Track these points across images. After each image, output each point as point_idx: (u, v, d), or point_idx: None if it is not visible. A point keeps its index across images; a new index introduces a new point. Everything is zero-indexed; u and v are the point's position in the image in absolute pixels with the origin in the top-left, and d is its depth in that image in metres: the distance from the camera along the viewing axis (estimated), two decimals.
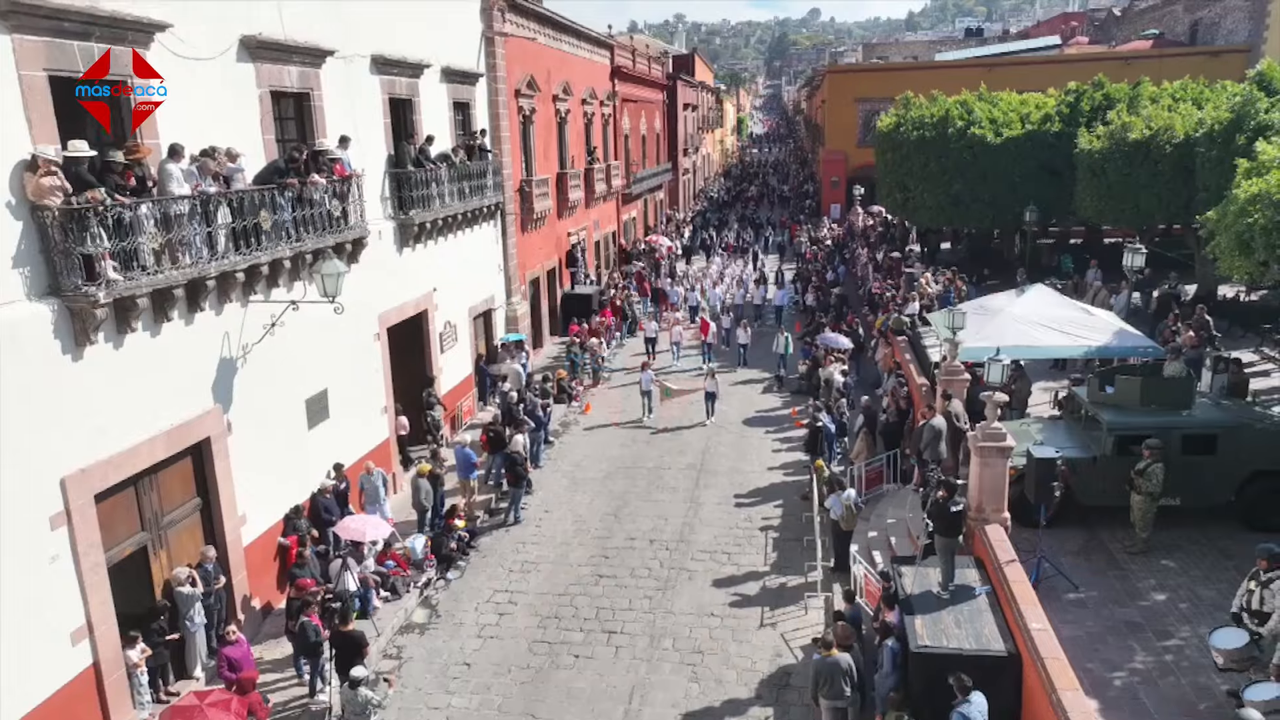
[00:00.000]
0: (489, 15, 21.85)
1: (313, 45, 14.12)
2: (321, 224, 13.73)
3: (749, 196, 60.77)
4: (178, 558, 11.37)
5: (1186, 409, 12.66)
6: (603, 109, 34.14)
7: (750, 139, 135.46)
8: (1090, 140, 23.86)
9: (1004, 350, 15.30)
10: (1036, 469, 11.16)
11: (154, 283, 10.23)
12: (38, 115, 9.22)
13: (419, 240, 17.85)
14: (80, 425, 9.62)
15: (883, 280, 26.83)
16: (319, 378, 14.40)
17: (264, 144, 13.13)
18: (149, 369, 10.60)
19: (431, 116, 18.96)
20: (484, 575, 14.73)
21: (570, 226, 29.94)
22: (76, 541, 9.51)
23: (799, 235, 43.04)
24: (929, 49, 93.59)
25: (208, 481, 11.85)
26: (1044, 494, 11.17)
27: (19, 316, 8.93)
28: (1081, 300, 22.57)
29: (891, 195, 30.40)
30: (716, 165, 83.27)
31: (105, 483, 9.94)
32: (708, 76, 74.25)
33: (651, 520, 16.41)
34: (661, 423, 20.60)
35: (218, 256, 11.33)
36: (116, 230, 9.66)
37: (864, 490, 16.15)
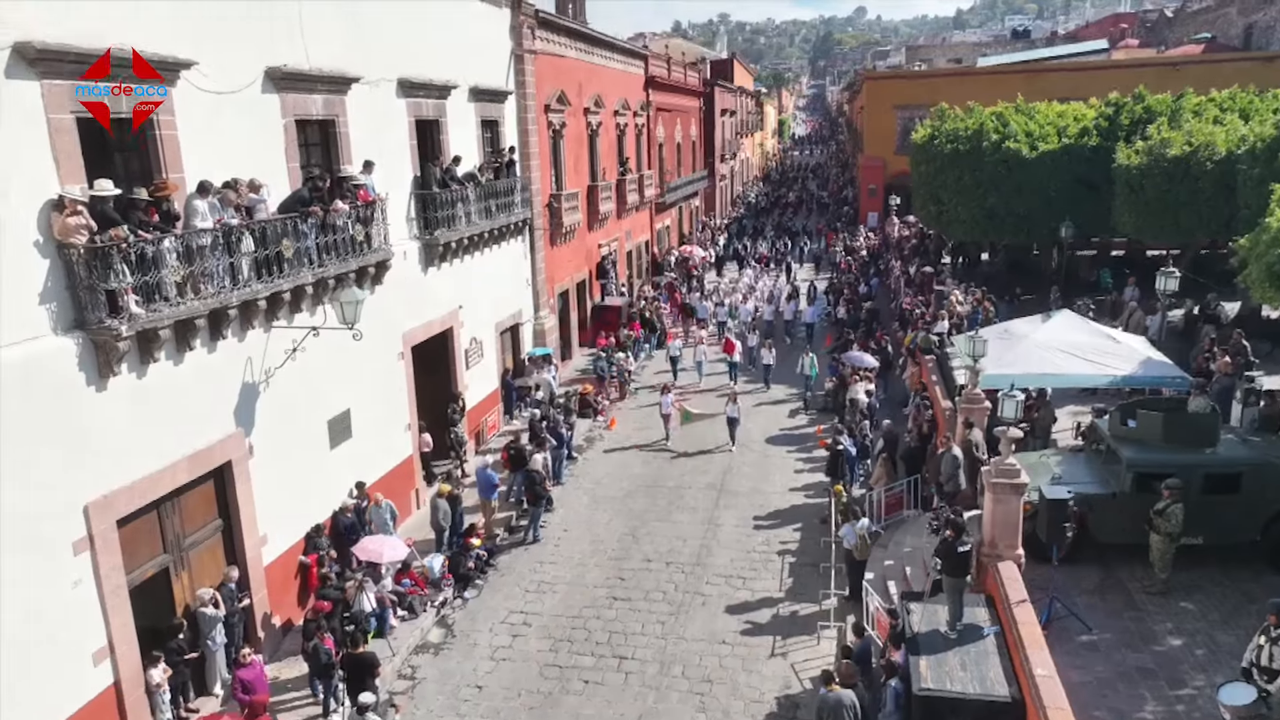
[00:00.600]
0: (518, 33, 22.05)
1: (338, 74, 14.41)
2: (345, 249, 14.01)
3: (786, 203, 60.31)
4: (199, 578, 11.72)
5: (1210, 446, 12.36)
6: (636, 119, 34.24)
7: (792, 140, 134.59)
8: (1128, 155, 23.36)
9: (1026, 378, 15.11)
10: (1049, 509, 11.01)
11: (176, 314, 10.55)
12: (65, 155, 9.56)
13: (444, 259, 18.10)
14: (103, 453, 9.96)
15: (913, 295, 26.54)
16: (342, 398, 14.70)
17: (288, 172, 13.44)
18: (171, 396, 10.93)
19: (459, 135, 19.19)
20: (501, 595, 14.92)
21: (601, 238, 30.09)
22: (99, 566, 9.86)
23: (835, 244, 42.71)
24: (973, 51, 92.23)
25: (229, 503, 12.18)
26: (1056, 535, 11.02)
27: (44, 350, 9.29)
28: (1117, 319, 22.25)
29: (926, 207, 30.03)
30: (756, 169, 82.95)
31: (128, 508, 10.29)
32: (747, 80, 74.00)
33: (669, 541, 16.47)
34: (681, 446, 20.51)
35: (240, 286, 11.65)
36: (139, 265, 9.98)
37: (883, 516, 16.03)
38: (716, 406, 20.76)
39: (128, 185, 10.63)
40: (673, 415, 20.20)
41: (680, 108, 42.63)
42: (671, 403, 20.24)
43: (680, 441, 20.56)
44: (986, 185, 26.24)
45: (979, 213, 26.79)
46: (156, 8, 10.68)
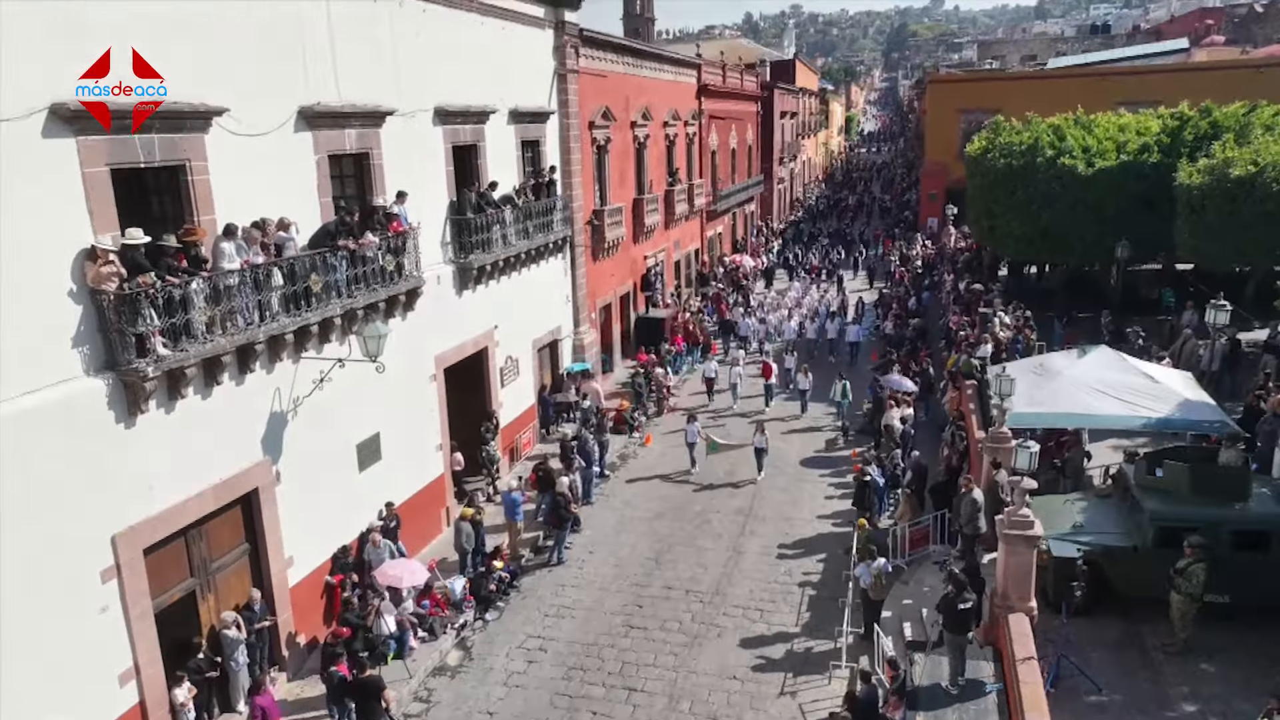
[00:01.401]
0: (561, 53, 22.27)
1: (371, 108, 14.82)
2: (375, 279, 14.44)
3: (845, 207, 59.29)
4: (225, 600, 12.28)
5: (1241, 500, 11.90)
6: (687, 129, 34.21)
7: (860, 137, 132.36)
8: (1190, 174, 22.46)
9: (1057, 418, 14.77)
10: (1056, 567, 10.77)
11: (203, 352, 11.06)
12: (99, 206, 10.10)
13: (479, 281, 18.45)
14: (131, 485, 10.52)
15: (960, 314, 25.99)
16: (371, 422, 15.16)
17: (320, 206, 13.90)
18: (199, 428, 11.46)
19: (498, 158, 19.53)
20: (521, 617, 15.23)
21: (647, 250, 30.20)
22: (125, 592, 10.44)
23: (891, 252, 41.97)
24: (1049, 47, 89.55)
25: (256, 528, 12.72)
26: (1064, 593, 10.77)
27: (76, 391, 9.85)
28: (1171, 345, 21.46)
29: (979, 222, 29.36)
30: (819, 169, 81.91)
31: (154, 537, 10.85)
32: (811, 80, 73.06)
33: (691, 569, 16.56)
34: (707, 478, 20.19)
35: (267, 321, 12.14)
36: (167, 309, 10.51)
37: (907, 552, 15.84)
38: (745, 435, 20.46)
39: (164, 225, 11.26)
40: (698, 444, 19.97)
41: (735, 113, 42.40)
42: (698, 432, 20.01)
43: (706, 472, 20.30)
44: (1040, 202, 25.53)
45: (1032, 230, 26.09)
46: (189, 58, 11.14)
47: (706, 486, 19.92)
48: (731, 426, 22.70)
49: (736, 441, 20.17)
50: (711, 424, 22.77)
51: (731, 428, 22.57)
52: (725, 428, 22.60)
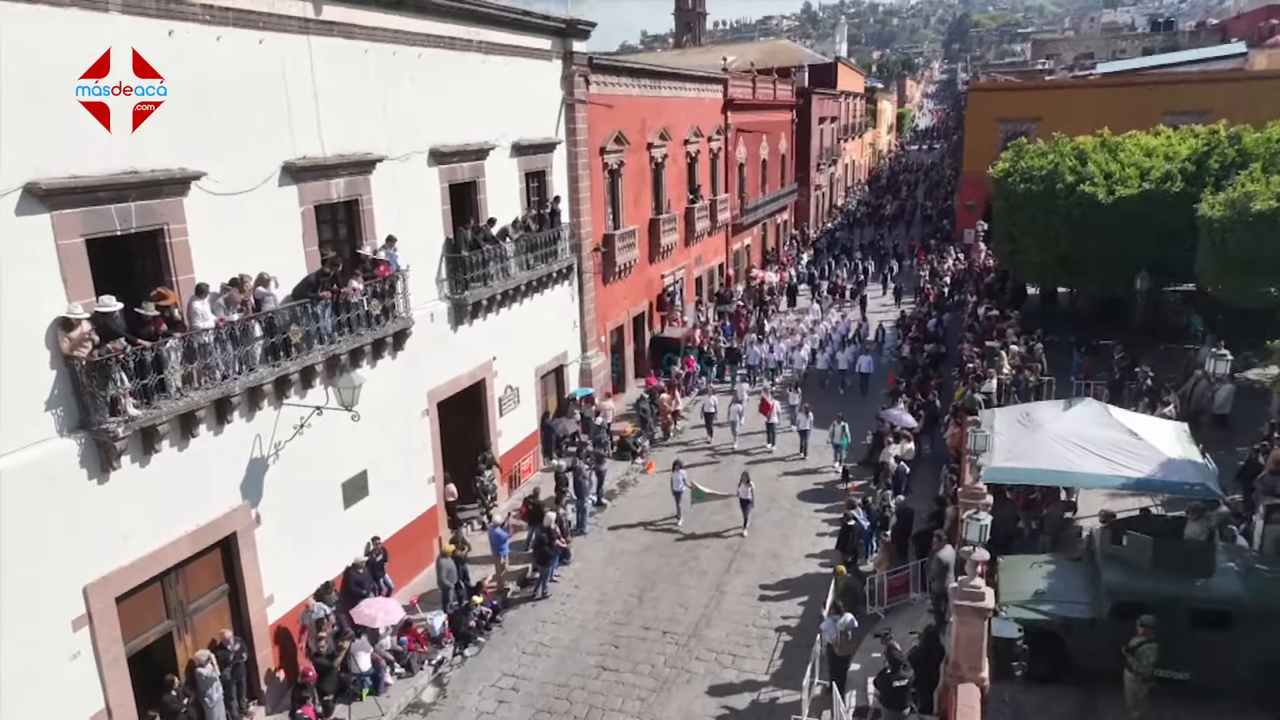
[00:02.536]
0: (569, 83, 22.45)
1: (360, 157, 15.23)
2: (360, 324, 14.89)
3: (883, 215, 58.28)
4: (203, 639, 12.84)
5: (1203, 576, 11.63)
6: (711, 145, 34.15)
7: (913, 133, 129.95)
8: (1211, 206, 21.77)
9: (1034, 473, 14.59)
10: (996, 646, 10.69)
11: (176, 409, 11.59)
12: (74, 276, 10.65)
13: (476, 316, 18.79)
14: (104, 537, 11.08)
15: (973, 343, 25.58)
16: (358, 460, 15.62)
17: (305, 255, 14.35)
18: (175, 478, 11.99)
19: (499, 191, 19.80)
20: (498, 654, 15.59)
21: (665, 268, 30.31)
22: (97, 639, 11.03)
23: (922, 266, 41.25)
24: (1107, 44, 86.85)
25: (234, 569, 13.26)
26: (1003, 671, 10.69)
27: (50, 452, 10.42)
28: (1184, 384, 20.89)
29: (1001, 245, 28.83)
30: (864, 170, 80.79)
31: (127, 585, 11.43)
32: (856, 81, 71.99)
33: (671, 608, 16.73)
34: (690, 527, 19.54)
35: (245, 373, 12.64)
36: (138, 371, 11.03)
37: (886, 599, 15.82)
38: (739, 477, 19.76)
39: (147, 284, 11.82)
40: (684, 493, 19.46)
41: (767, 124, 42.11)
42: (684, 480, 19.48)
43: (691, 522, 19.78)
44: (1060, 229, 24.97)
45: (1051, 257, 25.56)
46: (167, 125, 11.59)
47: (689, 537, 19.28)
48: (727, 467, 22.30)
49: (724, 491, 19.54)
50: (708, 463, 22.69)
51: (727, 468, 22.15)
52: (720, 467, 22.32)
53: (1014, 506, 16.07)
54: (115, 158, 11.00)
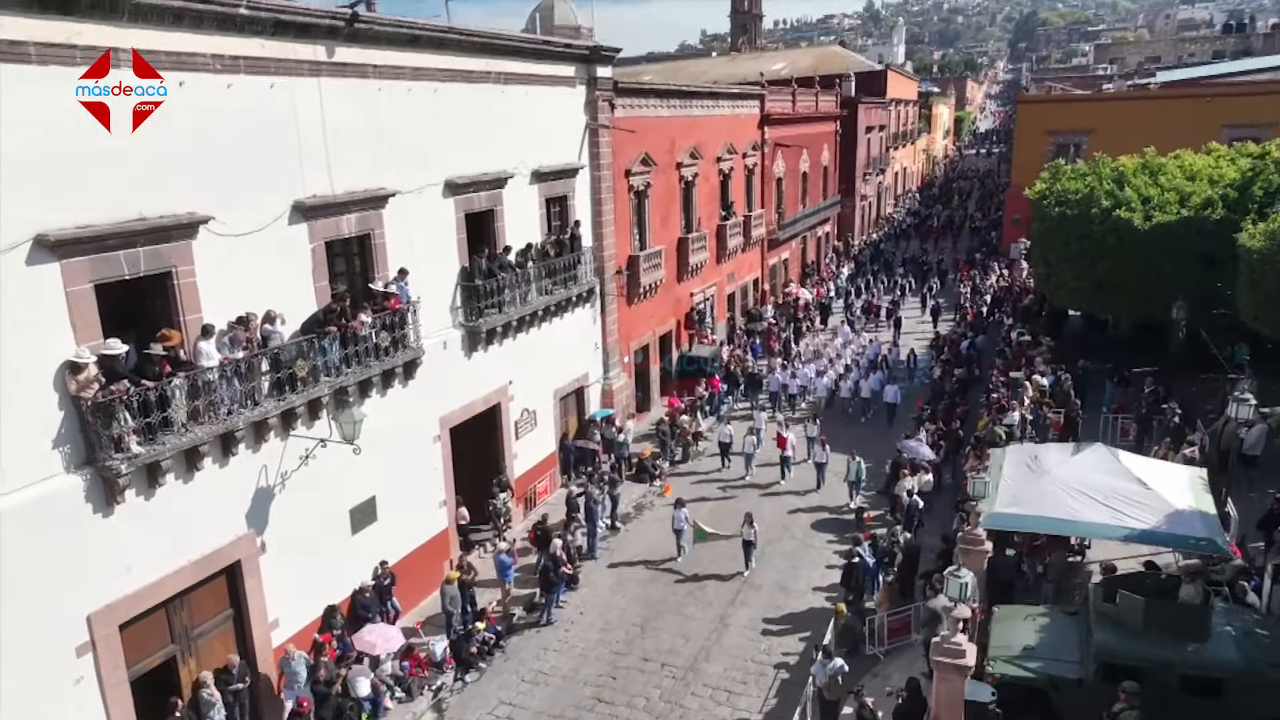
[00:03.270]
0: (593, 108, 22.65)
1: (372, 193, 15.62)
2: (368, 356, 15.30)
3: (930, 227, 57.16)
4: (207, 662, 13.35)
5: (1197, 641, 11.30)
6: (746, 160, 34.05)
7: (972, 136, 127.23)
8: (1251, 236, 21.01)
9: (1036, 521, 14.32)
10: (970, 712, 10.56)
11: (180, 444, 12.08)
12: (82, 321, 11.18)
13: (490, 342, 19.09)
14: (108, 567, 11.62)
15: (1001, 369, 25.07)
16: (367, 487, 16.03)
17: (315, 291, 14.77)
18: (180, 510, 12.49)
19: (519, 217, 20.06)
20: (498, 681, 15.86)
21: (695, 286, 30.33)
22: (100, 665, 11.57)
23: (964, 281, 40.44)
24: (1174, 47, 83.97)
25: (239, 595, 13.76)
26: None
27: (56, 488, 10.97)
28: (1215, 421, 20.21)
29: (1037, 267, 28.21)
30: (918, 177, 79.47)
31: (131, 613, 11.96)
32: (908, 88, 70.82)
33: (672, 639, 16.81)
34: (690, 568, 19.06)
35: (250, 408, 13.11)
36: (142, 409, 11.54)
37: (886, 640, 15.68)
38: (751, 511, 19.31)
39: (156, 323, 12.37)
40: (685, 531, 19.13)
41: (807, 137, 41.76)
42: (685, 518, 19.13)
43: (690, 562, 19.26)
44: (1095, 254, 24.35)
45: (1085, 282, 24.94)
46: (177, 173, 12.14)
47: (689, 578, 18.89)
48: (738, 501, 21.92)
49: (727, 531, 19.15)
50: (719, 497, 22.49)
51: (737, 502, 21.76)
52: (731, 501, 22.01)
53: (1021, 550, 15.79)
54: (124, 207, 11.53)
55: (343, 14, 14.43)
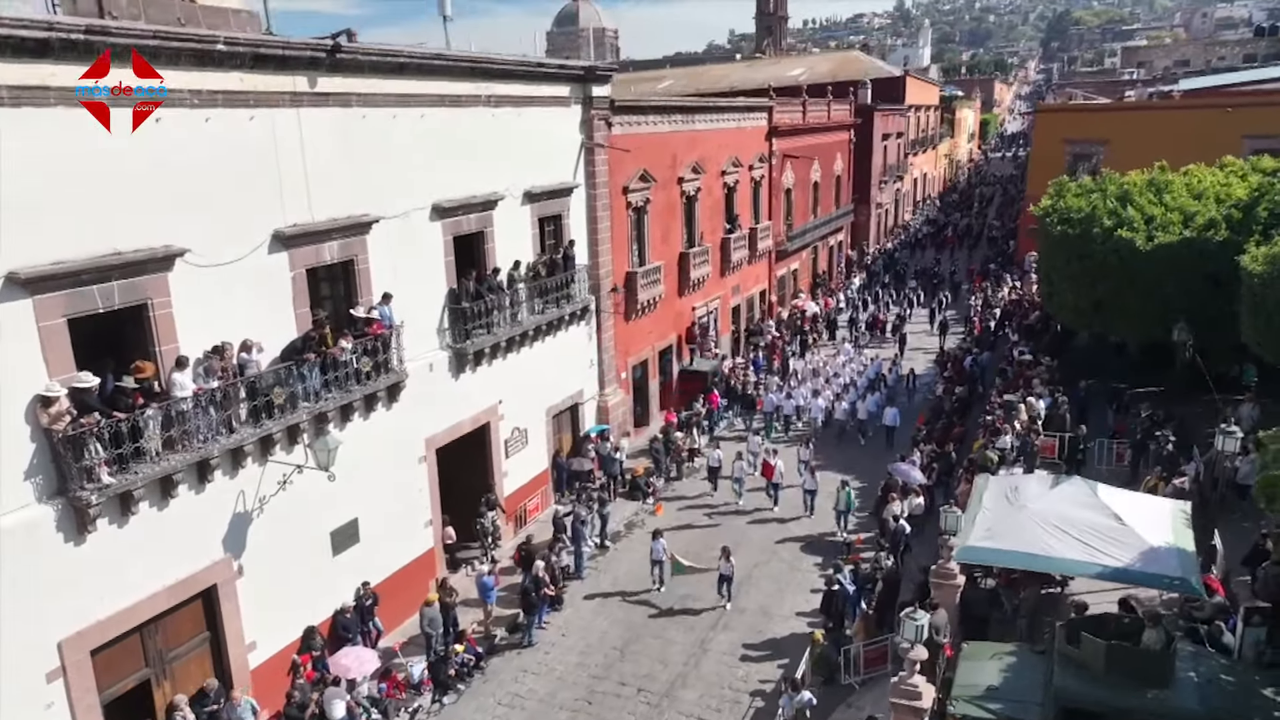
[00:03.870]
0: (589, 127, 22.71)
1: (355, 220, 15.79)
2: (349, 381, 15.48)
3: (945, 237, 56.45)
4: (183, 685, 13.58)
5: (1159, 687, 11.13)
6: (752, 173, 33.95)
7: (998, 139, 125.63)
8: (1253, 259, 20.60)
9: (1010, 555, 14.20)
10: None
11: (153, 473, 12.33)
12: (54, 355, 11.44)
13: (479, 363, 19.21)
14: (79, 594, 11.87)
15: (1000, 389, 24.80)
16: (348, 509, 16.21)
17: (296, 318, 14.96)
18: (154, 537, 12.73)
19: (510, 238, 20.11)
20: (474, 704, 16.00)
21: (697, 300, 30.29)
22: (71, 690, 11.83)
23: (976, 293, 39.99)
24: (1204, 50, 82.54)
25: (216, 619, 13.99)
26: None
27: (26, 519, 11.24)
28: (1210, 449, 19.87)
29: (1042, 284, 27.84)
30: (939, 182, 78.68)
31: (103, 639, 12.22)
32: (928, 94, 70.08)
33: (650, 664, 16.85)
34: (667, 602, 18.74)
35: (226, 435, 13.34)
36: (114, 441, 11.78)
37: (862, 670, 15.62)
38: (738, 538, 19.20)
39: (132, 352, 12.62)
40: (664, 563, 18.86)
41: (819, 147, 41.50)
42: (663, 549, 18.88)
43: (668, 595, 18.93)
44: (1095, 274, 24.01)
45: (1085, 302, 24.60)
46: (154, 205, 12.37)
47: (665, 612, 18.57)
48: (722, 529, 21.78)
49: (704, 565, 18.86)
50: (705, 523, 22.28)
51: (720, 531, 21.61)
52: (715, 528, 21.85)
53: (1001, 582, 15.65)
54: (99, 241, 11.77)
55: (324, 46, 14.60)
